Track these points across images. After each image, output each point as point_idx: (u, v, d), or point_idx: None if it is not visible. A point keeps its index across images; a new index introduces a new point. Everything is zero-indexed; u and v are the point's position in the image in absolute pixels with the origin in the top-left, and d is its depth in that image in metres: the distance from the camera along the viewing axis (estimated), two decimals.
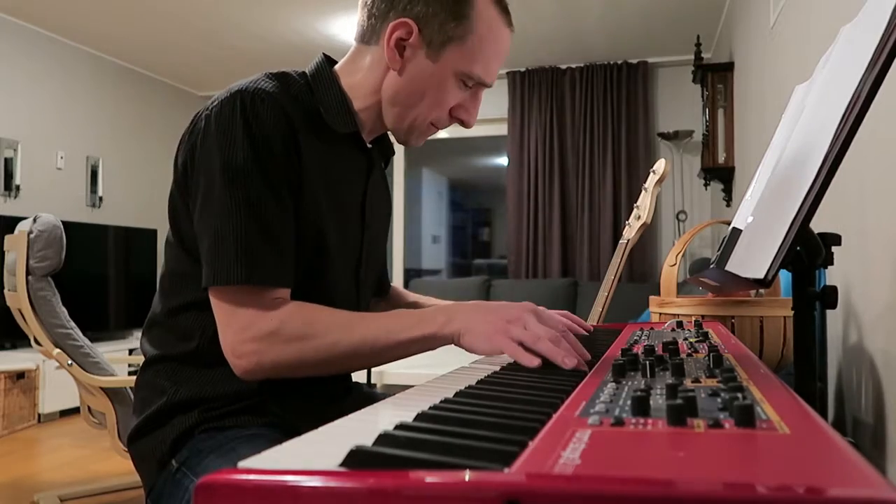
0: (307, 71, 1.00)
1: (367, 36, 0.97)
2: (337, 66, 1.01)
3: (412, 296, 1.28)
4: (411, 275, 6.11)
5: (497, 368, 0.74)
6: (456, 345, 0.84)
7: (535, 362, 0.72)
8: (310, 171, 0.92)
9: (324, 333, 0.85)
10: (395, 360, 0.89)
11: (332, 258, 0.97)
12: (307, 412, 0.95)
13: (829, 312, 1.53)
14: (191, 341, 0.93)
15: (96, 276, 4.47)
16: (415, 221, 8.10)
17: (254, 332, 0.83)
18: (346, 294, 1.03)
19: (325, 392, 1.02)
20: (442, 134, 5.50)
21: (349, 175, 1.01)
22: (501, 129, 5.25)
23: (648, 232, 4.66)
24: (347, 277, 1.03)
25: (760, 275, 0.77)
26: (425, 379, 0.71)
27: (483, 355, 0.83)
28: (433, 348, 0.87)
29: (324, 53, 1.03)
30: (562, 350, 0.72)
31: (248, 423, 0.93)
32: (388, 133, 1.07)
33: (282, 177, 0.88)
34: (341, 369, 0.90)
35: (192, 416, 0.92)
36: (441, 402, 0.52)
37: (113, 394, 2.02)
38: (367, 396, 1.14)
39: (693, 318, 1.16)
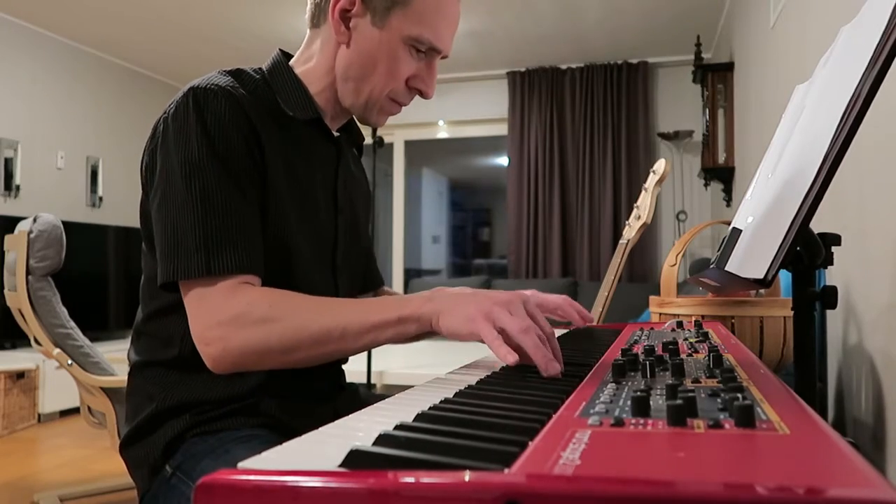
0: (264, 67, 1.00)
1: (317, 18, 0.97)
2: (293, 59, 1.02)
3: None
4: (411, 275, 6.11)
5: (497, 368, 0.74)
6: (434, 328, 0.77)
7: (511, 358, 0.65)
8: (272, 161, 0.91)
9: (291, 315, 0.80)
10: (369, 346, 0.82)
11: (301, 246, 0.96)
12: (300, 412, 0.95)
13: (829, 312, 1.53)
14: (173, 346, 0.92)
15: (96, 276, 4.46)
16: (415, 221, 8.10)
17: (219, 317, 0.80)
18: (323, 282, 1.01)
19: (317, 391, 1.01)
20: (442, 134, 5.51)
21: (316, 163, 1.00)
22: (501, 129, 5.26)
23: (648, 232, 4.66)
24: (322, 265, 1.01)
25: (760, 275, 0.77)
26: (425, 379, 0.71)
27: (460, 340, 0.75)
28: (411, 334, 0.79)
29: (280, 48, 1.03)
30: (547, 352, 0.66)
31: (241, 426, 0.92)
32: (355, 120, 1.07)
33: (241, 166, 0.87)
34: (312, 357, 0.82)
35: (184, 421, 0.91)
36: (441, 402, 0.52)
37: (113, 394, 2.02)
38: (360, 395, 1.13)
39: (693, 318, 1.16)
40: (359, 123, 1.07)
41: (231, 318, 0.80)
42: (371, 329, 0.79)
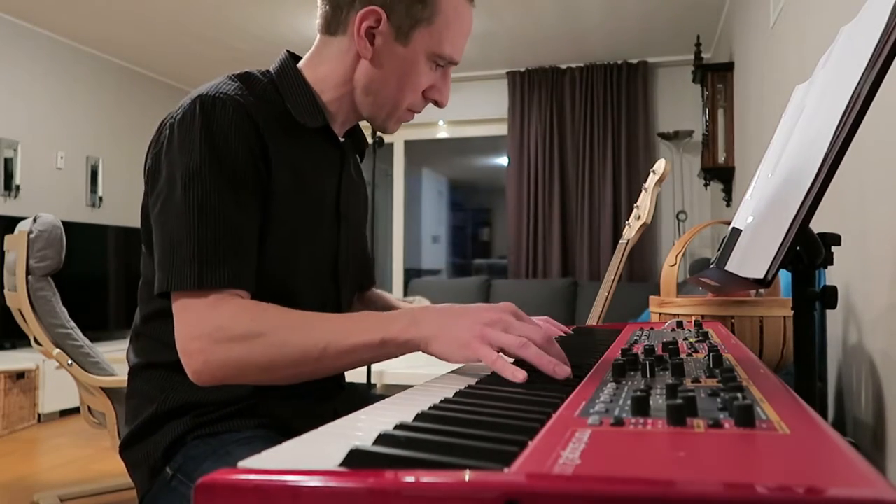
0: (271, 69, 1.00)
1: (333, 27, 0.97)
2: (301, 62, 1.01)
3: (394, 301, 1.23)
4: (411, 275, 6.10)
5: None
6: (424, 352, 0.77)
7: (520, 376, 0.63)
8: (278, 171, 0.90)
9: (272, 331, 0.80)
10: (353, 366, 0.82)
11: (305, 256, 0.96)
12: (300, 412, 0.95)
13: (829, 312, 1.53)
14: (173, 349, 0.91)
15: (96, 276, 4.46)
16: (415, 221, 8.09)
17: (201, 329, 0.80)
18: (325, 291, 1.01)
19: (317, 391, 1.01)
20: (442, 134, 5.51)
21: (322, 170, 1.00)
22: (501, 129, 5.26)
23: (648, 232, 4.66)
24: (325, 275, 1.01)
25: (760, 275, 0.77)
26: (425, 379, 0.71)
27: (456, 363, 0.75)
28: (394, 356, 0.79)
29: (287, 50, 1.02)
30: (552, 358, 0.66)
31: (242, 427, 0.92)
32: (360, 125, 1.07)
33: (244, 178, 0.86)
34: (292, 375, 0.81)
35: (184, 423, 0.91)
36: (441, 402, 0.52)
37: (113, 394, 2.02)
38: (359, 395, 1.13)
39: (693, 318, 1.16)
40: (366, 126, 1.08)
41: (212, 330, 0.80)
42: (352, 350, 0.79)
